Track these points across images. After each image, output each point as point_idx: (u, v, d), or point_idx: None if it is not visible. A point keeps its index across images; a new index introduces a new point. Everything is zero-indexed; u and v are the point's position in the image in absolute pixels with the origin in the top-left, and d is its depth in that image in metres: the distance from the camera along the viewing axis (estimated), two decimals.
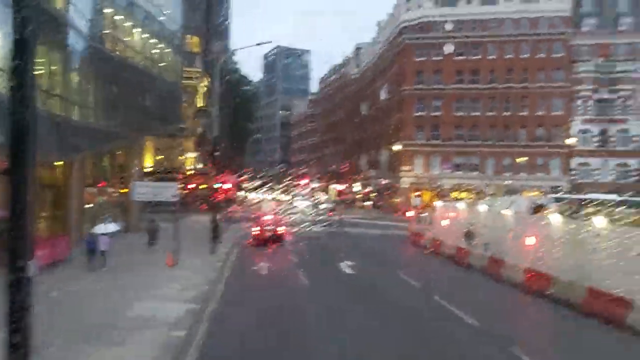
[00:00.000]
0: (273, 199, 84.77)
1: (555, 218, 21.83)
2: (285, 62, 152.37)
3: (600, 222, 18.60)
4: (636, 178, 61.91)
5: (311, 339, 12.39)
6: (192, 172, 61.77)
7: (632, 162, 62.50)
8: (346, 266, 23.45)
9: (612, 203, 37.52)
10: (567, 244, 18.26)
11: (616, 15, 64.20)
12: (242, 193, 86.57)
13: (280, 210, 57.26)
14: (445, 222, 30.52)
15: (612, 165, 62.79)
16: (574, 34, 63.56)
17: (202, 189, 54.94)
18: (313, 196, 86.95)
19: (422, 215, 38.97)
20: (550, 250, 18.97)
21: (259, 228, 32.72)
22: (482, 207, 30.28)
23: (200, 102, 65.54)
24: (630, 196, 48.73)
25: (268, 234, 32.25)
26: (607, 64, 62.97)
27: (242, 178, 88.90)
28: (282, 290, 18.39)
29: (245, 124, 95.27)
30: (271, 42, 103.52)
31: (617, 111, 62.96)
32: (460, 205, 32.32)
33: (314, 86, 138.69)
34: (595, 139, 63.58)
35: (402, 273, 21.87)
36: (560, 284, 17.18)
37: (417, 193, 66.23)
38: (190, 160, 64.41)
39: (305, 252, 28.61)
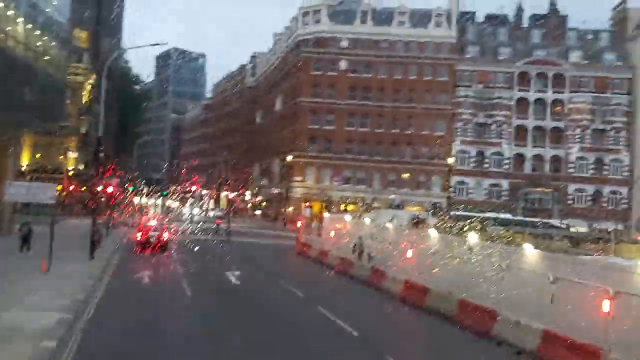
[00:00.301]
0: (160, 204, 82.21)
1: (432, 232, 23.16)
2: (179, 64, 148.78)
3: (473, 237, 19.99)
4: (507, 198, 67.03)
5: (188, 354, 12.16)
6: (74, 173, 58.47)
7: (504, 183, 67.59)
8: (232, 276, 23.31)
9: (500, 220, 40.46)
10: (442, 257, 19.39)
11: (496, 45, 69.39)
12: (127, 197, 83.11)
13: (166, 216, 55.68)
14: (332, 233, 31.23)
15: (486, 184, 67.52)
16: (458, 60, 67.84)
17: (84, 191, 52.15)
18: (202, 203, 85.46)
19: (311, 225, 39.55)
20: (426, 263, 20.04)
21: (142, 234, 31.63)
22: (367, 220, 31.38)
23: (85, 100, 62.32)
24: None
25: (152, 240, 31.22)
26: (485, 90, 67.80)
27: (127, 181, 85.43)
28: (162, 301, 17.91)
29: (134, 125, 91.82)
30: (167, 43, 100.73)
31: (492, 135, 67.85)
32: (347, 217, 33.27)
33: (208, 91, 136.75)
34: (472, 160, 68.07)
35: (288, 283, 22.13)
36: (435, 296, 18.20)
37: (307, 204, 67.11)
38: (72, 160, 60.92)
39: (190, 261, 28.07)
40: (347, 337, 14.20)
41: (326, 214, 37.78)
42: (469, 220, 40.99)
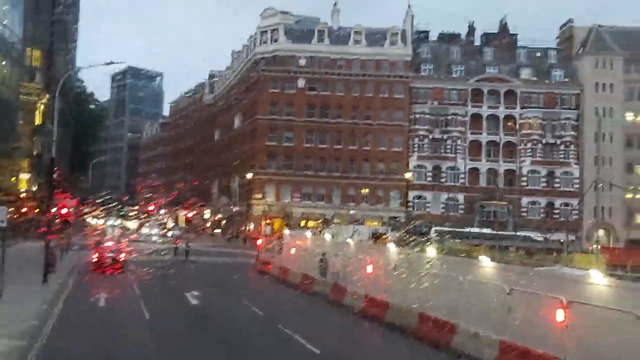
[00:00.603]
0: (117, 225, 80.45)
1: (391, 247, 23.43)
2: (136, 83, 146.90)
3: (431, 251, 20.33)
4: (463, 211, 68.33)
5: None
6: (27, 194, 56.71)
7: (460, 197, 68.91)
8: (191, 296, 22.97)
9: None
10: (402, 271, 19.61)
11: (450, 63, 71.12)
12: (83, 218, 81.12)
13: (123, 237, 54.54)
14: (293, 250, 31.19)
15: (443, 198, 68.68)
16: (413, 77, 69.22)
17: (37, 213, 50.63)
18: (160, 223, 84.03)
19: (271, 243, 39.38)
20: (386, 278, 20.23)
21: (98, 255, 30.96)
22: (328, 236, 31.51)
23: (38, 120, 60.75)
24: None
25: (109, 261, 30.59)
26: (440, 107, 69.29)
27: (83, 202, 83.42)
28: (120, 324, 17.51)
29: (89, 145, 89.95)
30: (124, 62, 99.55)
31: (448, 150, 69.25)
32: (308, 234, 33.31)
33: (165, 109, 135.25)
34: (429, 175, 69.25)
35: (248, 302, 21.95)
36: (395, 310, 18.36)
37: (267, 221, 66.98)
38: (24, 181, 59.12)
39: (149, 282, 27.57)
40: (308, 356, 14.18)
41: (286, 231, 37.74)
42: (448, 235, 41.77)
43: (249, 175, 67.11)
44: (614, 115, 68.85)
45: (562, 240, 67.72)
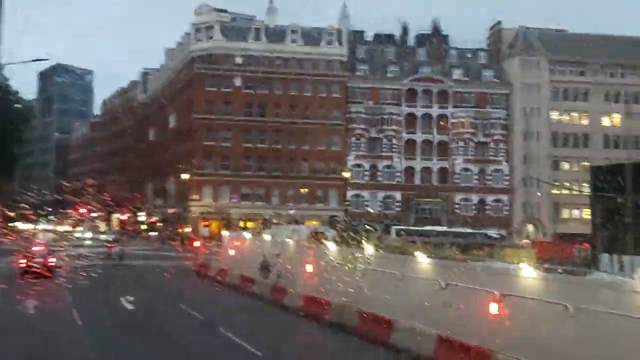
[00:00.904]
0: (47, 229, 77.18)
1: (331, 245, 23.58)
2: (64, 81, 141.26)
3: (369, 248, 20.59)
4: (399, 209, 69.69)
5: None
6: None
7: (397, 195, 70.25)
8: (127, 301, 22.29)
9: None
10: (341, 269, 19.78)
11: (385, 63, 72.35)
12: (10, 224, 77.35)
13: (54, 241, 52.38)
14: (232, 252, 30.87)
15: (380, 197, 69.83)
16: (349, 77, 69.99)
17: None
18: (93, 226, 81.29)
19: (210, 245, 38.87)
20: (326, 277, 20.35)
21: (26, 261, 29.62)
22: (267, 237, 31.37)
23: None
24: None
25: (37, 266, 29.30)
26: (376, 106, 70.39)
27: (8, 207, 79.51)
28: (51, 332, 16.79)
29: (15, 147, 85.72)
30: (49, 59, 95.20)
31: (384, 149, 70.43)
32: (247, 235, 33.06)
33: (97, 108, 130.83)
34: (366, 173, 70.25)
35: (187, 305, 21.54)
36: (336, 308, 18.50)
37: (205, 222, 66.00)
38: None
39: (81, 287, 26.56)
40: (250, 358, 14.07)
41: (225, 232, 37.35)
42: (404, 234, 42.26)
43: (185, 176, 65.67)
44: (541, 115, 72.03)
45: (497, 236, 70.60)
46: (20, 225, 77.55)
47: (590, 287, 12.17)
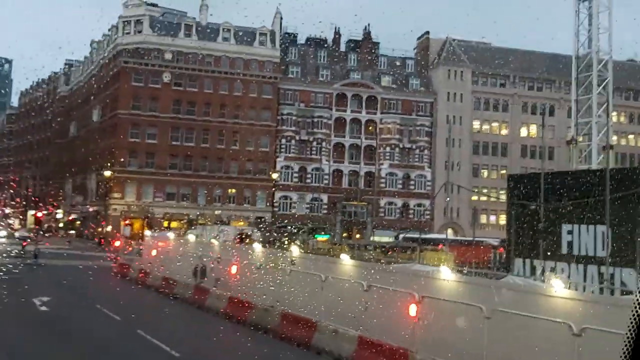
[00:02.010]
0: None
1: (256, 247, 23.50)
2: None
3: (295, 250, 20.66)
4: (326, 212, 70.33)
5: None
6: None
7: (324, 197, 70.84)
8: (40, 302, 21.23)
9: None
10: (266, 271, 19.73)
11: (317, 67, 72.86)
12: None
13: None
14: (154, 252, 30.07)
15: (308, 199, 70.20)
16: (281, 79, 69.96)
17: None
18: (8, 224, 76.99)
19: (131, 245, 37.74)
20: (251, 278, 20.23)
21: None
22: (191, 237, 30.85)
23: None
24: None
25: None
26: (307, 109, 70.78)
27: None
28: None
29: None
30: None
31: (314, 151, 70.91)
32: (171, 235, 32.34)
33: (14, 100, 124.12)
34: (295, 175, 70.42)
35: (105, 307, 20.76)
36: (259, 310, 18.40)
37: (127, 222, 63.93)
38: None
39: None
40: (167, 359, 13.76)
41: (148, 232, 36.38)
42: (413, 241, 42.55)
43: (107, 173, 63.49)
44: (463, 123, 74.77)
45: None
46: None
47: (503, 290, 12.73)
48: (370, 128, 72.92)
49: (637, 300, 1.38)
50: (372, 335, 13.23)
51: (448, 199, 68.35)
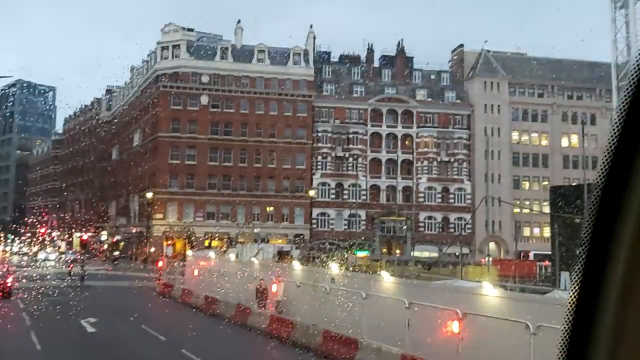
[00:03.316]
0: (4, 249, 74.96)
1: (295, 265, 23.62)
2: (25, 98, 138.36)
3: (334, 268, 20.71)
4: (364, 227, 70.06)
5: None
6: None
7: (362, 213, 70.62)
8: (88, 324, 21.79)
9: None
10: (307, 289, 19.82)
11: (351, 83, 73.20)
12: None
13: (10, 261, 50.96)
14: (196, 272, 30.52)
15: (346, 215, 70.07)
16: (315, 97, 70.51)
17: None
18: (53, 246, 79.33)
19: (174, 265, 38.39)
20: (291, 296, 20.35)
21: None
22: (232, 256, 31.20)
23: None
24: None
25: None
26: (342, 126, 71.00)
27: None
28: (7, 357, 16.32)
29: None
30: (12, 76, 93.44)
31: (350, 167, 70.96)
32: (212, 254, 32.79)
33: (59, 126, 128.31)
34: (332, 192, 70.52)
35: (150, 327, 21.17)
36: (300, 328, 18.48)
37: (169, 242, 65.09)
38: None
39: (40, 309, 25.84)
40: None
41: (189, 252, 36.96)
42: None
43: (149, 195, 64.86)
44: (502, 135, 73.72)
45: (457, 254, 71.45)
46: None
47: (550, 305, 12.48)
48: (406, 142, 72.62)
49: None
50: (415, 352, 13.14)
51: (487, 209, 67.28)
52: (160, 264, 36.89)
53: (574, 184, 45.24)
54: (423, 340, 13.36)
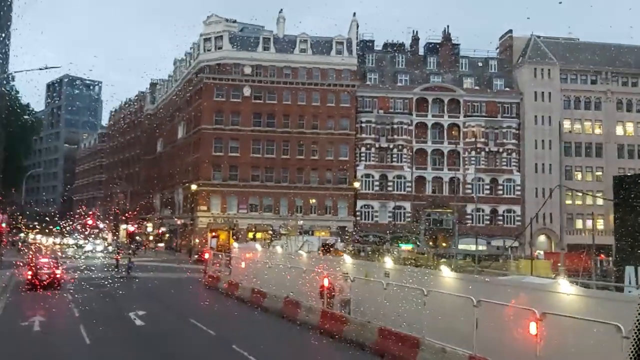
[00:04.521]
0: (54, 241, 76.69)
1: (347, 258, 22.68)
2: (73, 92, 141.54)
3: (388, 262, 19.70)
4: (409, 219, 68.55)
5: None
6: None
7: (407, 205, 69.11)
8: (136, 317, 21.46)
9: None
10: (359, 284, 18.86)
11: (395, 72, 71.59)
12: (17, 234, 76.93)
13: (60, 252, 51.80)
14: (243, 264, 29.96)
15: (390, 207, 68.68)
16: (359, 86, 69.22)
17: None
18: (100, 237, 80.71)
19: (220, 256, 37.93)
20: (344, 291, 19.45)
21: (32, 272, 29.04)
22: (279, 248, 30.53)
23: None
24: None
25: (44, 279, 28.73)
26: (386, 116, 69.52)
27: (17, 217, 79.06)
28: (56, 351, 15.98)
29: (23, 158, 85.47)
30: (60, 67, 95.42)
31: (394, 158, 69.44)
32: (258, 246, 32.21)
33: (104, 119, 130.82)
34: (376, 183, 69.20)
35: (199, 320, 20.63)
36: (354, 324, 17.57)
37: (213, 233, 65.24)
38: None
39: (89, 301, 25.75)
40: None
41: (235, 244, 36.53)
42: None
43: (194, 187, 65.06)
44: (553, 123, 70.97)
45: (507, 247, 69.29)
46: (26, 236, 76.96)
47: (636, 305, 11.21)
48: (453, 132, 70.66)
49: None
50: (486, 355, 12.06)
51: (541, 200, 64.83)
52: (206, 255, 36.55)
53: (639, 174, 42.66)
54: (494, 342, 12.26)
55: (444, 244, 69.02)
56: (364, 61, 71.68)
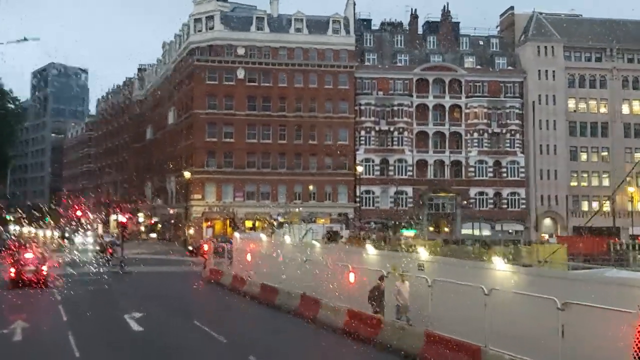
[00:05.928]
0: (39, 233, 73.66)
1: (370, 249, 20.19)
2: (58, 80, 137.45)
3: (423, 253, 17.26)
4: (411, 205, 66.20)
5: None
6: None
7: (409, 190, 66.72)
8: (133, 319, 18.85)
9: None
10: (391, 279, 16.38)
11: (394, 52, 68.84)
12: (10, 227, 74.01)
13: (46, 246, 49.00)
14: (249, 257, 27.33)
15: (392, 192, 66.24)
16: (357, 67, 66.41)
17: None
18: (89, 229, 77.75)
19: (220, 248, 35.27)
20: (401, 295, 16.74)
21: (15, 269, 26.45)
22: (287, 238, 28.05)
23: None
24: None
25: (29, 276, 26.17)
26: (386, 97, 66.83)
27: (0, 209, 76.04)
28: None
29: (8, 148, 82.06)
30: (39, 38, 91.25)
31: (395, 142, 66.87)
32: (263, 236, 29.73)
33: (92, 108, 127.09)
34: (376, 168, 66.68)
35: (204, 324, 18.08)
36: (389, 327, 15.12)
37: (209, 223, 62.66)
38: None
39: (79, 301, 23.18)
40: None
41: (236, 234, 33.95)
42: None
43: (187, 174, 62.07)
44: (557, 103, 68.74)
45: (510, 231, 67.28)
46: (10, 229, 73.98)
47: None
48: (455, 113, 68.12)
49: None
50: None
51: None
52: (205, 247, 33.89)
53: None
54: (583, 354, 9.86)
55: (445, 229, 66.95)
56: (361, 41, 68.79)
